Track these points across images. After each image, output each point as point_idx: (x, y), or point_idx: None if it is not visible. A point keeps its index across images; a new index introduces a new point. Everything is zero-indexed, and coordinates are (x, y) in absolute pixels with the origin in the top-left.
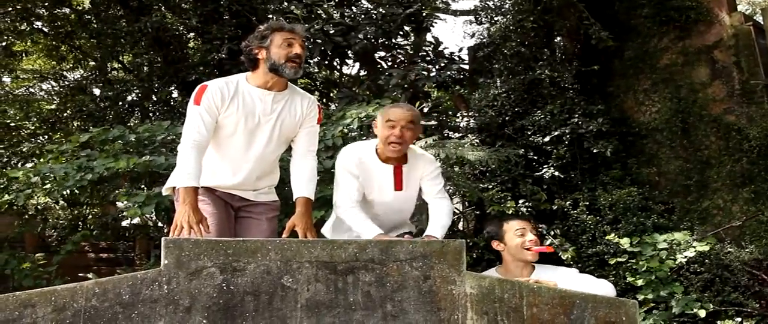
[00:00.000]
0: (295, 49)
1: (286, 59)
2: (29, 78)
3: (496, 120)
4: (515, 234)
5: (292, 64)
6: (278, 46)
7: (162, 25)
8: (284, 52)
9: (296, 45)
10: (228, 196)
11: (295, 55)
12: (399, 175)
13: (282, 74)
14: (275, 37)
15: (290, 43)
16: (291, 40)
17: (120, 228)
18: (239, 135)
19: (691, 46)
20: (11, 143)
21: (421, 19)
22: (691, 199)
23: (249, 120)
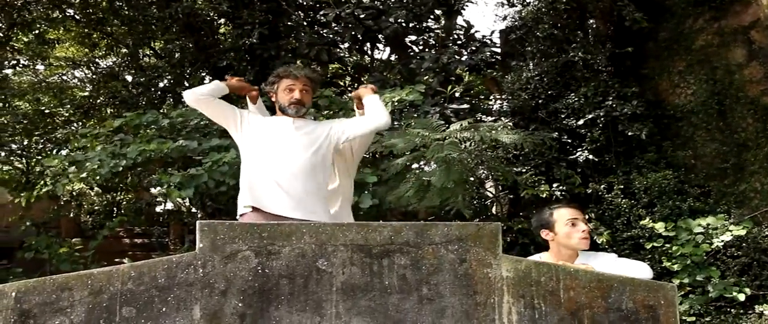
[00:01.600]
0: (295, 95)
1: (288, 103)
2: (62, 65)
3: (529, 103)
4: (566, 224)
5: (294, 106)
6: (282, 91)
7: (193, 11)
8: (287, 97)
9: (296, 90)
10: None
11: (295, 100)
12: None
13: (287, 114)
14: (280, 84)
15: (291, 89)
16: (292, 86)
17: (154, 213)
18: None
19: (727, 27)
20: (46, 130)
21: (451, 3)
22: (727, 183)
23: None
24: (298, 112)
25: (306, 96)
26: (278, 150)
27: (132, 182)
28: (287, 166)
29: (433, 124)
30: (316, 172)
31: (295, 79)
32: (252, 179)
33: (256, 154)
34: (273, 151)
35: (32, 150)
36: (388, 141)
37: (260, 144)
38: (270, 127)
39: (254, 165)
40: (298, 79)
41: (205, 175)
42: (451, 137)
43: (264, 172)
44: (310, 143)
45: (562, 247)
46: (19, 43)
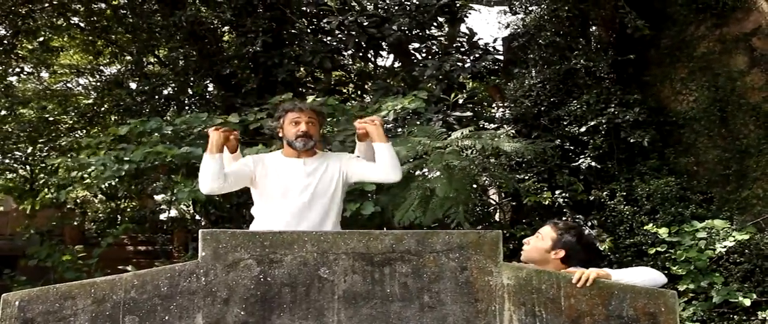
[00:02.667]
0: (301, 127)
1: (295, 137)
2: (66, 73)
3: (532, 110)
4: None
5: (301, 139)
6: (288, 125)
7: (197, 19)
8: (293, 130)
9: (302, 123)
10: None
11: (302, 133)
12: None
13: (294, 148)
14: (286, 118)
15: (297, 122)
16: (297, 119)
17: (158, 221)
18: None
19: (729, 34)
20: (50, 138)
21: (454, 10)
22: (730, 189)
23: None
24: (306, 145)
25: (312, 128)
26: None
27: (135, 190)
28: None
29: (435, 132)
30: (330, 216)
31: (300, 112)
32: (263, 223)
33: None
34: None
35: (36, 158)
36: None
37: (272, 193)
38: (281, 172)
39: (265, 209)
40: (303, 112)
41: None
42: (452, 145)
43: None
44: (325, 189)
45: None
46: (24, 50)
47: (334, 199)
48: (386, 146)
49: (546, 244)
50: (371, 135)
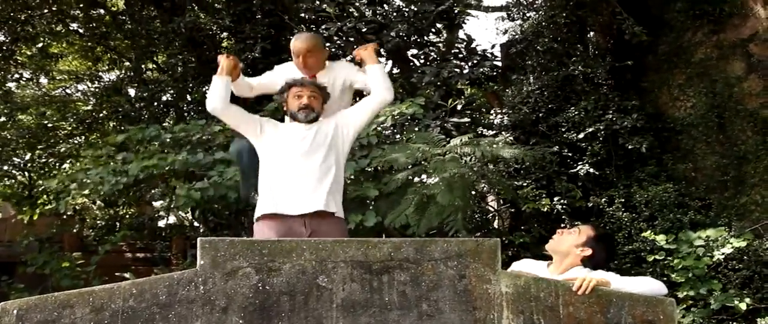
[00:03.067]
0: (303, 101)
1: (297, 109)
2: (65, 79)
3: (530, 117)
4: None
5: (303, 111)
6: (292, 99)
7: (195, 25)
8: (296, 103)
9: (304, 96)
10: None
11: (304, 105)
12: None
13: (297, 120)
14: (289, 92)
15: (299, 96)
16: (300, 93)
17: (156, 228)
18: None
19: (726, 40)
20: (49, 144)
21: (452, 16)
22: (728, 195)
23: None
24: (308, 116)
25: (314, 101)
26: (289, 160)
27: (134, 197)
28: (298, 174)
29: (433, 139)
30: (327, 176)
31: (302, 86)
32: (269, 186)
33: (273, 162)
34: (285, 161)
35: (35, 164)
36: (389, 156)
37: (276, 153)
38: (282, 136)
39: (271, 173)
40: (305, 86)
41: (211, 189)
42: (451, 152)
43: (280, 179)
44: (319, 149)
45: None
46: (23, 56)
47: (330, 155)
48: (377, 67)
49: (580, 239)
50: (363, 58)
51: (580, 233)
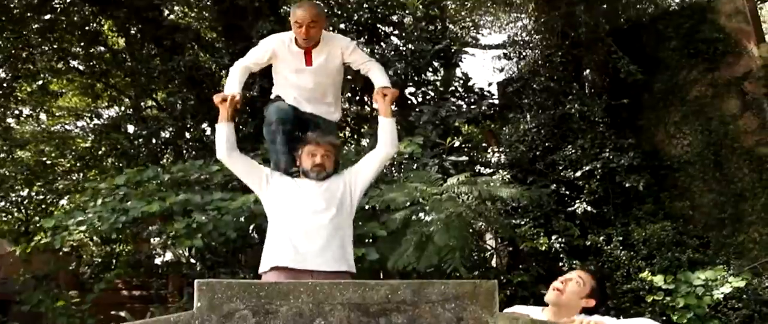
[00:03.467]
0: (316, 159)
1: (310, 167)
2: (65, 115)
3: (527, 155)
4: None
5: (316, 169)
6: (306, 156)
7: (195, 64)
8: (309, 161)
9: (318, 155)
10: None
11: (317, 164)
12: (309, 55)
13: (309, 178)
14: (304, 149)
15: (313, 155)
16: (314, 151)
17: (153, 265)
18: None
19: (721, 78)
20: (47, 180)
21: (450, 55)
22: (726, 233)
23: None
24: (319, 175)
25: (327, 161)
26: (299, 216)
27: (131, 234)
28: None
29: (431, 178)
30: (336, 235)
31: (316, 145)
32: (277, 240)
33: (281, 215)
34: (294, 216)
35: (33, 200)
36: (387, 195)
37: (283, 208)
38: (292, 191)
39: (279, 227)
40: (319, 145)
41: (211, 224)
42: (449, 192)
43: (288, 234)
44: (329, 206)
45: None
46: (23, 93)
47: (340, 213)
48: (390, 121)
49: (585, 291)
50: (380, 106)
51: (584, 284)
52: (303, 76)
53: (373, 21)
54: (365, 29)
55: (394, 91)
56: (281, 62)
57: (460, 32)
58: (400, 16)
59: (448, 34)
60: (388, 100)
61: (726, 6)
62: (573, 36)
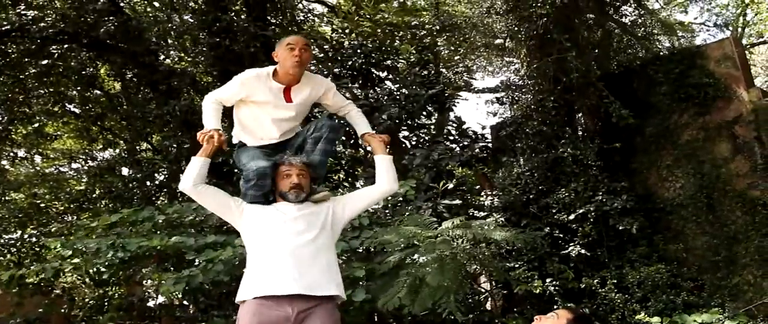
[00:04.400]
0: (293, 180)
1: (288, 189)
2: (59, 158)
3: (521, 198)
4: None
5: (294, 191)
6: (281, 178)
7: (190, 108)
8: (286, 182)
9: (293, 175)
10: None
11: (294, 185)
12: (288, 92)
13: (288, 200)
14: (278, 172)
15: (288, 175)
16: (288, 171)
17: (146, 308)
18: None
19: (712, 122)
20: (40, 223)
21: (443, 99)
22: (720, 276)
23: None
24: (298, 196)
25: (303, 180)
26: (279, 239)
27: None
28: (289, 255)
29: (425, 221)
30: (319, 256)
31: (290, 165)
32: (256, 268)
33: (259, 243)
34: (274, 240)
35: (25, 243)
36: (381, 237)
37: (261, 234)
38: (271, 215)
39: (257, 254)
40: (293, 165)
41: (201, 275)
42: (443, 235)
43: (268, 260)
44: (311, 228)
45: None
46: (18, 135)
47: (319, 238)
48: (388, 158)
49: (561, 323)
50: (374, 147)
51: (558, 317)
52: (281, 112)
53: (367, 66)
54: (360, 74)
55: (386, 135)
56: (257, 98)
57: (453, 77)
58: (394, 61)
59: (441, 79)
60: (380, 139)
61: (715, 51)
62: (565, 81)
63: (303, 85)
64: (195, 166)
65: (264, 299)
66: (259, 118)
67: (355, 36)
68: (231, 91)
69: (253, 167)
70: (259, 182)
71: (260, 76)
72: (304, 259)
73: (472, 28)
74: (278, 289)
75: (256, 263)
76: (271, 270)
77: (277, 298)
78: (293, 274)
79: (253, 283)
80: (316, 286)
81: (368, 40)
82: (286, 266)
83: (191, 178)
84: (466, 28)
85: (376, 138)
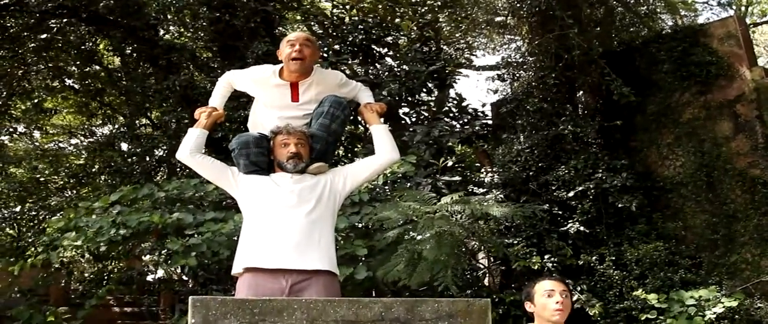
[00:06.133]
0: (291, 149)
1: (286, 159)
2: (59, 133)
3: (520, 175)
4: (543, 295)
5: (292, 160)
6: (278, 147)
7: (190, 84)
8: (284, 152)
9: (291, 144)
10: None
11: (292, 154)
12: (295, 89)
13: (286, 170)
14: (275, 140)
15: (285, 144)
16: (286, 140)
17: (145, 282)
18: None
19: (713, 101)
20: (40, 197)
21: (444, 76)
22: (718, 254)
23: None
24: (297, 166)
25: (302, 149)
26: (272, 212)
27: (124, 250)
28: (284, 226)
29: (424, 197)
30: (312, 231)
31: (288, 134)
32: (248, 240)
33: (253, 214)
34: (267, 213)
35: (25, 217)
36: (380, 213)
37: (255, 206)
38: (266, 187)
39: (251, 226)
40: (291, 134)
41: (204, 245)
42: (442, 210)
43: (260, 232)
44: (308, 200)
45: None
46: (17, 111)
47: (315, 211)
48: (383, 127)
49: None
50: (368, 119)
51: (568, 295)
52: (287, 112)
53: (367, 42)
54: (360, 50)
55: (380, 104)
56: (264, 99)
57: (454, 53)
58: (394, 37)
59: (442, 56)
60: (373, 108)
61: (718, 30)
62: (566, 58)
63: (312, 84)
64: (192, 136)
65: (258, 271)
66: (267, 116)
67: (356, 12)
68: (243, 82)
69: (237, 138)
70: (242, 151)
71: (269, 76)
72: (295, 233)
73: (473, 5)
74: (269, 263)
75: (249, 235)
76: (263, 243)
77: (272, 270)
78: (284, 249)
79: (246, 254)
80: (309, 261)
81: (369, 16)
82: (277, 240)
83: (188, 147)
84: (467, 5)
85: (368, 108)
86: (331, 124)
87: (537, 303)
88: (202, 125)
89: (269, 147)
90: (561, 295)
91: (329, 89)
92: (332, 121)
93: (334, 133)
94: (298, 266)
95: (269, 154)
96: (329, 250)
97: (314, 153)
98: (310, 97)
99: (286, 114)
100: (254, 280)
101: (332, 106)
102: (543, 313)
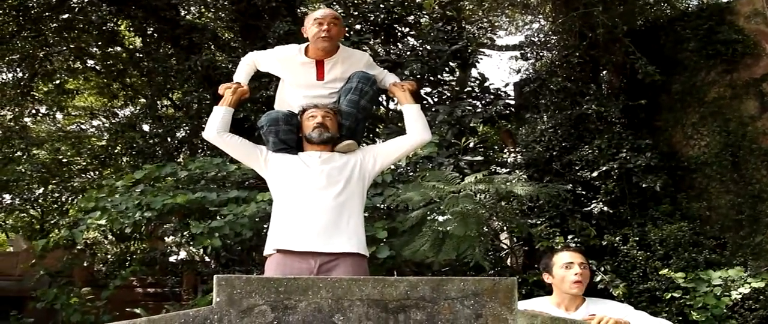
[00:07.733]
0: (317, 119)
1: (312, 129)
2: (81, 115)
3: (544, 155)
4: (562, 267)
5: (318, 129)
6: (306, 120)
7: (212, 64)
8: (310, 123)
9: (319, 116)
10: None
11: (318, 124)
12: (321, 67)
13: (312, 141)
14: (303, 117)
15: (313, 116)
16: (314, 113)
17: (168, 263)
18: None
19: (739, 80)
20: (63, 179)
21: (466, 56)
22: (743, 234)
23: (300, 176)
24: (321, 135)
25: (329, 121)
26: (301, 194)
27: (146, 231)
28: (312, 209)
29: (447, 177)
30: (341, 213)
31: (315, 108)
32: (278, 222)
33: (283, 195)
34: (296, 194)
35: (48, 198)
36: (403, 195)
37: (284, 186)
38: (294, 166)
39: (281, 207)
40: (318, 108)
41: (227, 227)
42: (465, 190)
43: (289, 215)
44: (336, 181)
45: (559, 290)
46: (40, 92)
47: (344, 192)
48: (415, 107)
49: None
50: (399, 98)
51: (587, 266)
52: (313, 91)
53: (389, 21)
54: (381, 30)
55: (411, 82)
56: (289, 77)
57: (476, 33)
58: (416, 16)
59: (464, 35)
60: (405, 87)
61: (745, 8)
62: (590, 37)
63: (337, 62)
64: (218, 114)
65: (286, 252)
66: (293, 95)
67: None
68: (267, 62)
69: (266, 115)
70: (272, 127)
71: (294, 55)
72: (324, 216)
73: None
74: (297, 245)
75: (279, 217)
76: (291, 225)
77: (302, 253)
78: (312, 232)
79: (276, 236)
80: (336, 245)
81: None
82: (305, 223)
83: (215, 126)
84: None
85: (399, 87)
86: (359, 99)
87: (555, 275)
88: (227, 103)
89: (298, 124)
90: (579, 267)
91: (355, 67)
92: (361, 97)
93: (364, 109)
94: (326, 249)
95: (298, 131)
96: (358, 232)
97: (343, 130)
98: (335, 76)
99: (312, 93)
100: (283, 260)
101: (361, 82)
102: (561, 285)
